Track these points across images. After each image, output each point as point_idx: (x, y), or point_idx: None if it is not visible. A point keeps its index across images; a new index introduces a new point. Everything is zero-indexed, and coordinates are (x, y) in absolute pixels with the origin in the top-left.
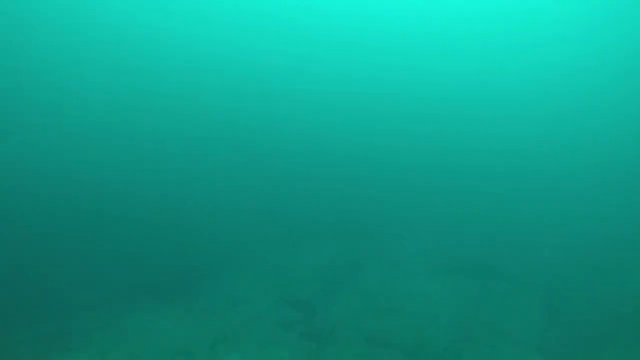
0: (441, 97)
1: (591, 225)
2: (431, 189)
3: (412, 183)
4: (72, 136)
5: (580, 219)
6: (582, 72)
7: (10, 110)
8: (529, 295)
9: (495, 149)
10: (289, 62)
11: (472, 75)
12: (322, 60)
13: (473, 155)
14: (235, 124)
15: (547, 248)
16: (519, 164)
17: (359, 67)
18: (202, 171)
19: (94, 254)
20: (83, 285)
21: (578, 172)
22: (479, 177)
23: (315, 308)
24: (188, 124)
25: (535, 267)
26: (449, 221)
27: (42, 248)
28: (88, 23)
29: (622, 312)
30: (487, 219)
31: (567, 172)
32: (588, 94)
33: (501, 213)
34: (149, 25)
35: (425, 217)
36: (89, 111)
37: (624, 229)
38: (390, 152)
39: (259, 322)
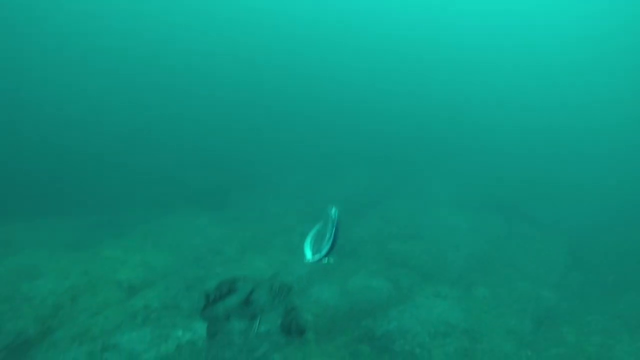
0: (479, 46)
1: (619, 176)
2: (466, 133)
3: (449, 127)
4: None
5: (609, 170)
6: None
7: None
8: (553, 239)
9: (531, 102)
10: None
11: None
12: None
13: (508, 105)
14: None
15: (575, 196)
16: (553, 115)
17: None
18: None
19: (146, 168)
20: (137, 190)
21: (606, 126)
22: (515, 125)
23: (341, 226)
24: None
25: (562, 214)
26: (482, 164)
27: (111, 157)
28: None
29: None
30: (520, 165)
31: (596, 125)
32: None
33: (532, 160)
34: None
35: (460, 160)
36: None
37: None
38: (429, 99)
39: (285, 233)
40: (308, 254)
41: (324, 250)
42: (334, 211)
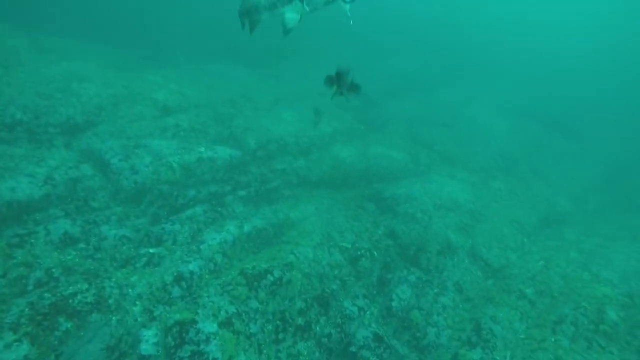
0: None
1: None
2: (519, 42)
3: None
4: None
5: None
6: None
7: None
8: (588, 158)
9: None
10: None
11: None
12: None
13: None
14: None
15: (625, 120)
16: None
17: None
18: None
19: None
20: (185, 39)
21: None
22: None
23: (376, 103)
24: None
25: (607, 136)
26: (528, 76)
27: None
28: None
29: None
30: (571, 81)
31: None
32: None
33: (585, 78)
34: None
35: (510, 67)
36: None
37: None
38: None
39: (321, 97)
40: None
41: None
42: None
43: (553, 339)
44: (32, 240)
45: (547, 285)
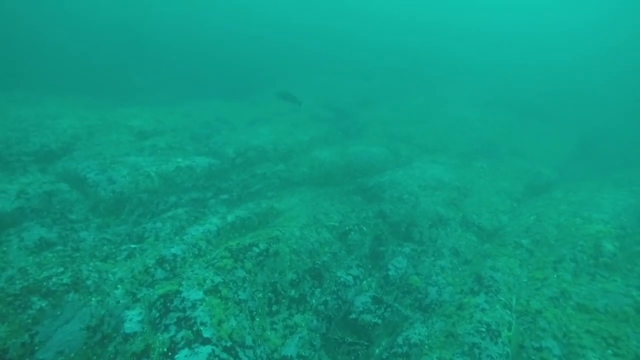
0: None
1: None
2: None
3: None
4: None
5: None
6: None
7: None
8: (564, 133)
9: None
10: None
11: None
12: None
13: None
14: None
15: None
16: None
17: None
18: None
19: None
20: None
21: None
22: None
23: (349, 113)
24: None
25: (578, 113)
26: (500, 65)
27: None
28: None
29: None
30: (535, 65)
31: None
32: None
33: (547, 57)
34: None
35: (478, 61)
36: None
37: None
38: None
39: (295, 113)
40: None
41: None
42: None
43: (556, 276)
44: (4, 248)
45: (542, 235)
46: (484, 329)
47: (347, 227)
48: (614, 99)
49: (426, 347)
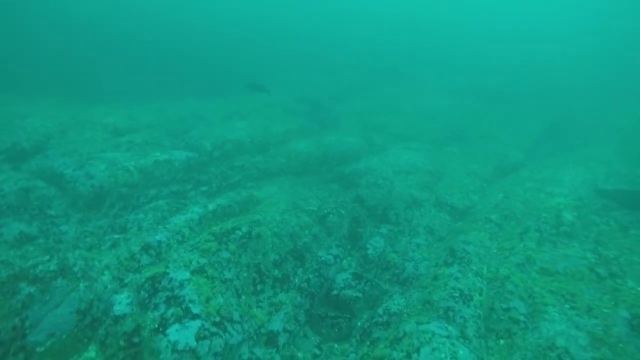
0: None
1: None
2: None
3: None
4: None
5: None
6: None
7: None
8: (530, 118)
9: None
10: None
11: None
12: None
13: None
14: None
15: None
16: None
17: None
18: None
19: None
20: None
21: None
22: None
23: (324, 106)
24: None
25: (546, 100)
26: (467, 54)
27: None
28: None
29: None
30: (505, 53)
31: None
32: None
33: (514, 46)
34: None
35: (445, 51)
36: None
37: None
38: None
39: (270, 107)
40: None
41: None
42: None
43: (522, 245)
44: None
45: (510, 210)
46: (457, 295)
47: (325, 211)
48: (581, 89)
49: (405, 315)
